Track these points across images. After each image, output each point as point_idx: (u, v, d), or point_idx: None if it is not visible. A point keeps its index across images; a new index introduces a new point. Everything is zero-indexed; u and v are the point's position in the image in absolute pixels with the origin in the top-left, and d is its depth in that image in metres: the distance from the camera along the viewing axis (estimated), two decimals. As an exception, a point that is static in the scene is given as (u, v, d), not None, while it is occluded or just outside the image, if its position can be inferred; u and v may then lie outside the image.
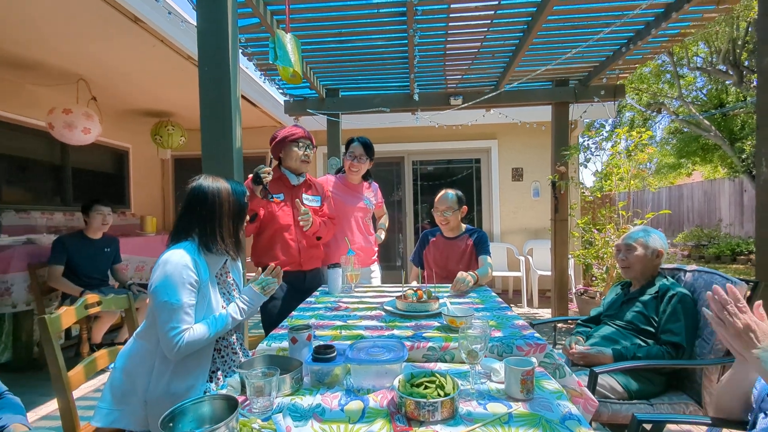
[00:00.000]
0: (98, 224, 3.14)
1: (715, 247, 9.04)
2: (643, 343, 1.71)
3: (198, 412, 0.88)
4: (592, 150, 4.13)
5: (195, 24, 1.93)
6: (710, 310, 0.96)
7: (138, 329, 1.35)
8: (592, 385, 1.48)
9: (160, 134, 4.77)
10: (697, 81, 12.28)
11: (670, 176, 15.17)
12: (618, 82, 4.06)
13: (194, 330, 1.24)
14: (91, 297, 1.57)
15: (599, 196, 4.73)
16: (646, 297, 1.80)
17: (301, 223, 2.10)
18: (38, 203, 4.06)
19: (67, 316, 1.42)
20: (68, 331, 3.44)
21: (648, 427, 1.73)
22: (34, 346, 3.12)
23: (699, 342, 1.66)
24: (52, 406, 2.54)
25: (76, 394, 1.39)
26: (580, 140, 5.72)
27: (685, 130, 12.02)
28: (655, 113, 13.08)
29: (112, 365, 1.40)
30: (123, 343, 1.46)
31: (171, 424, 0.82)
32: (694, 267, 1.86)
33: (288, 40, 1.98)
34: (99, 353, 1.54)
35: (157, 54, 3.25)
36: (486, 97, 3.97)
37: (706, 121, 9.95)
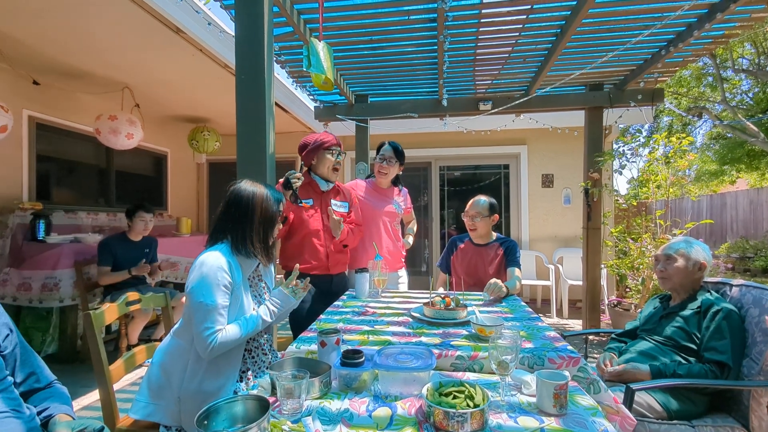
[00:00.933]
0: (140, 229, 3.33)
1: (763, 260, 8.47)
2: (683, 361, 1.62)
3: (231, 411, 0.90)
4: (628, 156, 3.97)
5: (233, 34, 2.00)
6: None
7: (175, 327, 1.40)
8: (629, 402, 1.41)
9: (196, 139, 4.97)
10: (742, 84, 11.63)
11: (712, 184, 14.38)
12: (656, 86, 3.90)
13: (227, 330, 1.28)
14: (132, 294, 1.65)
15: (634, 204, 4.55)
16: (687, 312, 1.71)
17: (330, 222, 2.14)
18: (84, 204, 4.30)
19: (110, 312, 1.50)
20: (108, 326, 3.62)
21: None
22: (77, 340, 3.31)
23: (747, 362, 1.56)
24: (92, 397, 2.68)
25: (115, 386, 1.46)
26: (615, 146, 5.51)
27: (729, 135, 11.39)
28: (695, 118, 12.45)
29: (149, 360, 1.46)
30: (159, 340, 1.52)
31: (206, 422, 0.85)
32: (741, 281, 1.76)
33: (321, 47, 2.02)
34: (137, 349, 1.61)
35: (196, 63, 3.40)
36: (516, 102, 3.90)
37: (752, 126, 9.39)
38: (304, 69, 2.02)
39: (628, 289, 4.39)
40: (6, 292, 3.07)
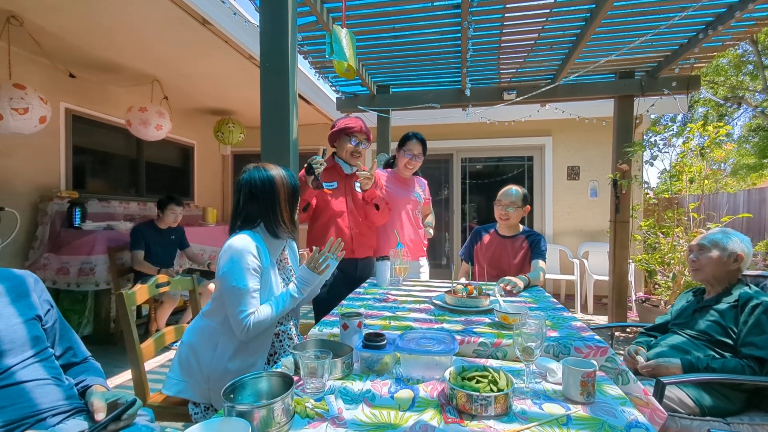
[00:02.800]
0: (170, 221, 3.49)
1: (805, 258, 8.00)
2: (717, 356, 1.55)
3: (256, 387, 0.92)
4: (660, 147, 3.80)
5: (257, 24, 2.02)
6: None
7: (204, 308, 1.44)
8: (659, 396, 1.37)
9: (221, 131, 5.07)
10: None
11: (752, 177, 13.65)
12: (692, 73, 3.72)
13: (260, 312, 1.31)
14: (161, 277, 1.71)
15: (666, 197, 4.36)
16: (723, 306, 1.64)
17: (360, 179, 2.12)
18: (116, 193, 4.48)
19: (140, 293, 1.56)
20: (139, 310, 3.77)
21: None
22: (111, 323, 3.46)
23: (788, 358, 1.48)
24: (125, 377, 2.80)
25: (146, 367, 1.52)
26: (645, 137, 5.31)
27: (771, 126, 10.78)
28: (734, 106, 11.83)
29: (175, 344, 1.50)
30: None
31: (232, 396, 0.87)
32: (783, 275, 1.67)
33: (344, 35, 2.02)
34: (166, 329, 1.67)
35: (222, 55, 3.46)
36: (542, 90, 3.80)
37: (797, 117, 8.85)
38: (327, 56, 2.02)
39: (657, 286, 4.24)
40: (46, 276, 3.24)
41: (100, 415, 0.97)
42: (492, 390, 0.89)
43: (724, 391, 1.50)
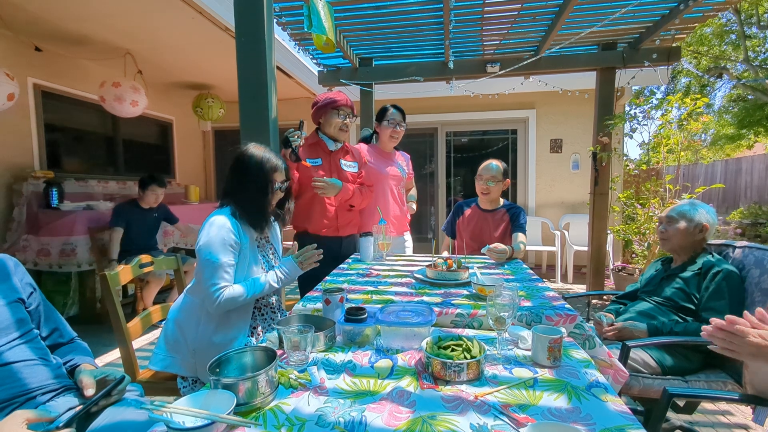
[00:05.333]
0: (151, 201, 3.44)
1: (775, 226, 8.35)
2: (680, 321, 1.66)
3: (241, 361, 0.96)
4: (639, 119, 3.87)
5: (231, -7, 1.94)
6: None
7: (188, 286, 1.47)
8: (624, 358, 1.46)
9: (200, 106, 4.93)
10: (767, 42, 11.02)
11: (728, 148, 13.98)
12: (673, 44, 3.73)
13: (233, 289, 1.34)
14: (145, 257, 1.71)
15: (645, 168, 4.45)
16: (687, 273, 1.73)
17: (314, 186, 2.11)
18: (94, 172, 4.35)
19: (124, 273, 1.56)
20: (125, 290, 3.76)
21: (682, 404, 1.71)
22: (97, 303, 3.46)
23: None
24: (114, 355, 2.83)
25: (134, 345, 1.54)
26: (627, 109, 5.35)
27: (750, 97, 10.95)
28: (715, 78, 11.94)
29: (163, 321, 1.53)
30: (174, 302, 1.59)
31: (217, 370, 0.91)
32: (744, 243, 1.76)
33: (321, 6, 1.96)
34: (153, 308, 1.69)
35: (197, 27, 3.32)
36: (525, 62, 3.77)
37: (775, 87, 9.00)
38: (305, 30, 1.97)
39: (633, 255, 4.40)
40: (27, 258, 3.19)
41: (90, 391, 1.00)
42: (465, 357, 0.95)
43: (684, 352, 1.61)
